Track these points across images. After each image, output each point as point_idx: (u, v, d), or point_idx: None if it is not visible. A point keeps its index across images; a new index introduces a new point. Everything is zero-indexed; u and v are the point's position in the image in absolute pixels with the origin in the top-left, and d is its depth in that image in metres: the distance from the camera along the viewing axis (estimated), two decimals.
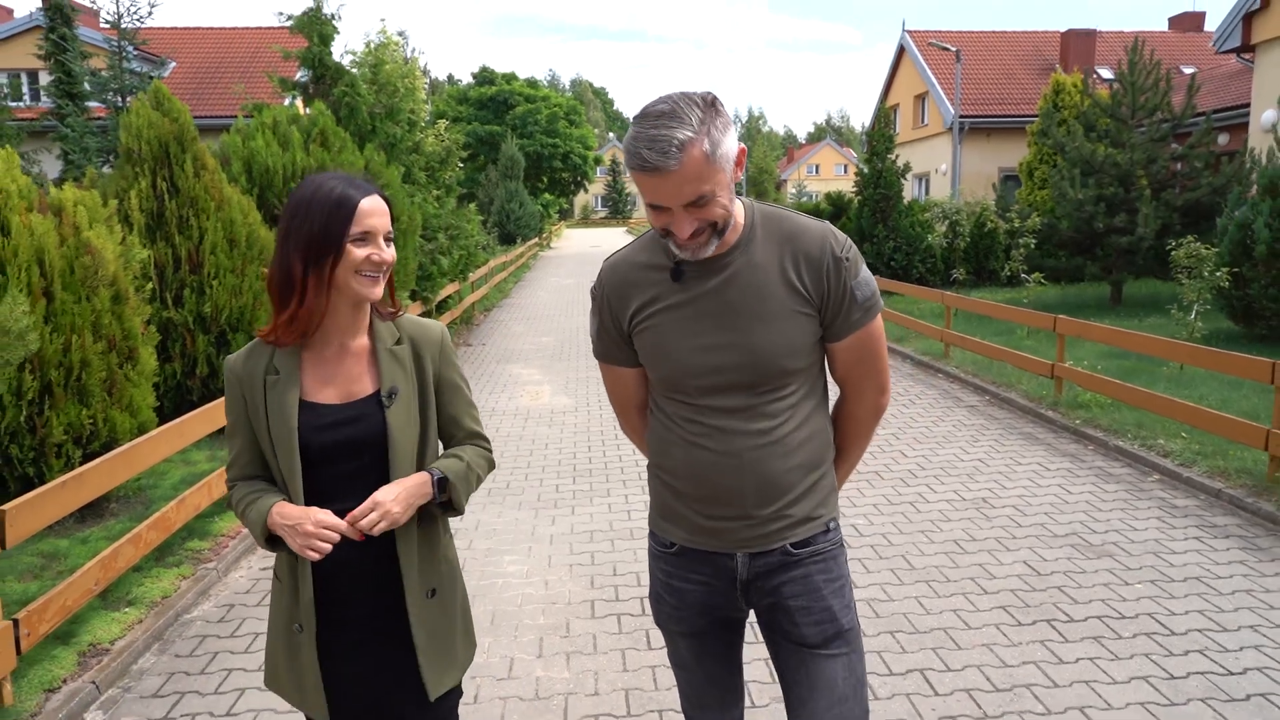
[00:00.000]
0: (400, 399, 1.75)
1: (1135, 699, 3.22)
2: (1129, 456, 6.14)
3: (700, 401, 1.73)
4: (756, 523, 1.75)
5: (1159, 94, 12.38)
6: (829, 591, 1.80)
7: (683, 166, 1.51)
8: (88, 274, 4.79)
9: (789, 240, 1.72)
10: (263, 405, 1.72)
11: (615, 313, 1.80)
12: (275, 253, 1.71)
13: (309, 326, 1.71)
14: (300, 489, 1.69)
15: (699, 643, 1.91)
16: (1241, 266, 9.15)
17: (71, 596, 3.56)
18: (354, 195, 1.66)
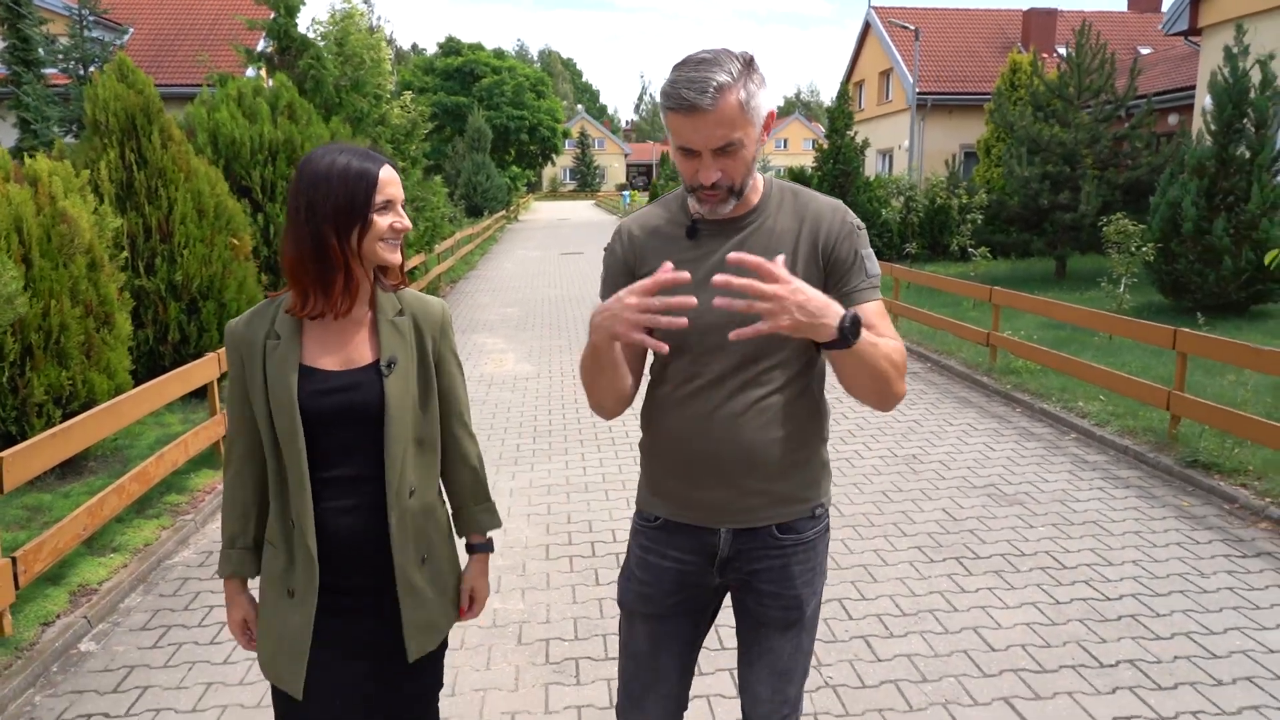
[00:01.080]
0: (398, 370, 1.76)
1: (1022, 620, 3.66)
2: (1051, 418, 6.61)
3: (697, 361, 1.73)
4: (739, 494, 1.75)
5: (1104, 76, 12.85)
6: (801, 582, 1.83)
7: (718, 108, 1.54)
8: (64, 242, 5.02)
9: (804, 208, 1.76)
10: (261, 370, 1.72)
11: (629, 260, 1.81)
12: (294, 231, 1.68)
13: (359, 293, 1.73)
14: (303, 453, 1.69)
15: (659, 627, 1.88)
16: (1171, 243, 9.66)
17: (62, 539, 3.85)
18: (373, 167, 1.69)
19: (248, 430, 1.78)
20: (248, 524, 1.82)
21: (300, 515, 1.71)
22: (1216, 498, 4.96)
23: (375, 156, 1.72)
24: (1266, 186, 9.17)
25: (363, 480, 1.75)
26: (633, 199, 50.08)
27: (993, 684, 3.21)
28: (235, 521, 1.83)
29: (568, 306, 13.41)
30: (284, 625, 1.75)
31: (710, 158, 1.60)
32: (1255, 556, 4.22)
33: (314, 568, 1.71)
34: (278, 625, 1.77)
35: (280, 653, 1.76)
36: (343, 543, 1.74)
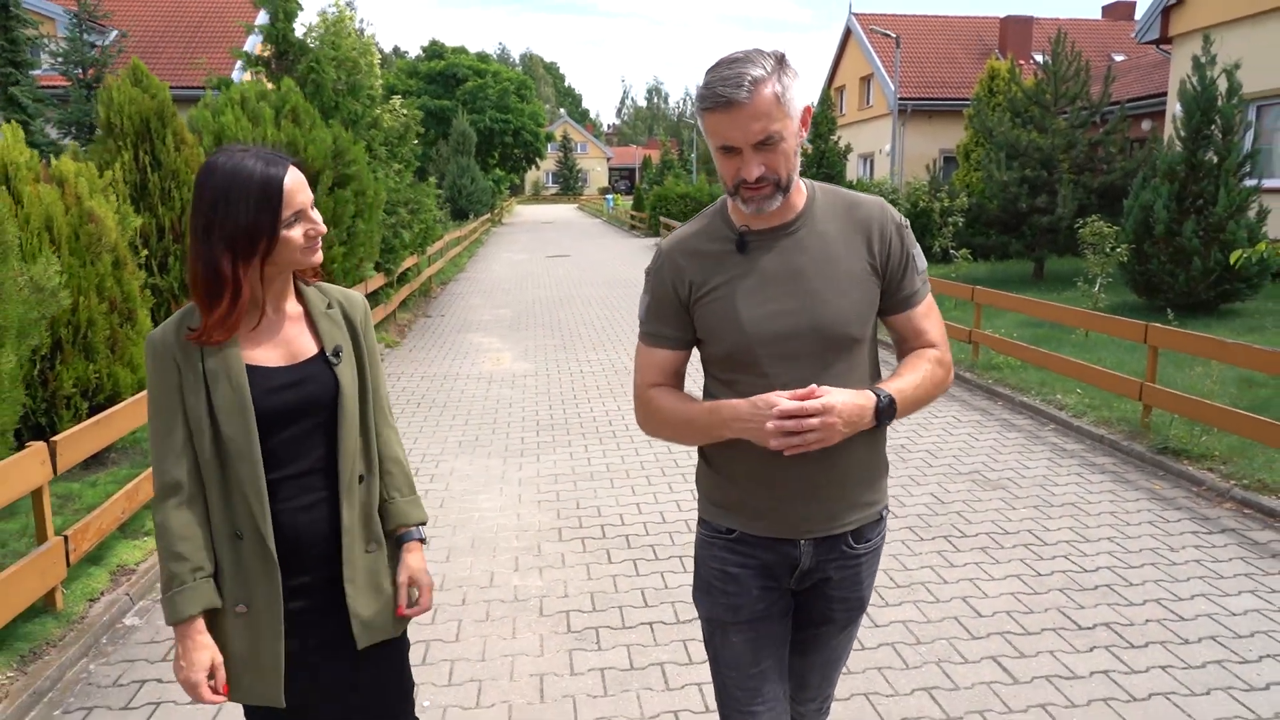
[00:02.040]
0: (345, 357, 1.76)
1: (1007, 590, 3.96)
2: (1031, 410, 6.94)
3: (767, 375, 1.69)
4: (823, 502, 1.74)
5: (1079, 83, 13.27)
6: (867, 584, 1.89)
7: (754, 101, 1.54)
8: (92, 240, 5.21)
9: (850, 209, 1.75)
10: (201, 376, 1.63)
11: (675, 288, 1.77)
12: (193, 249, 1.62)
13: (242, 319, 1.65)
14: (258, 456, 1.64)
15: (757, 633, 1.83)
16: (1143, 244, 10.04)
17: (105, 521, 4.06)
18: (277, 174, 1.60)
19: (189, 449, 1.66)
20: (208, 550, 1.68)
21: (258, 520, 1.65)
22: (1185, 481, 5.29)
23: (279, 158, 1.63)
24: (1233, 190, 9.57)
25: (311, 474, 1.72)
26: (616, 203, 50.35)
27: (981, 645, 3.50)
28: (195, 551, 1.66)
29: (559, 308, 13.65)
30: (244, 639, 1.69)
31: (751, 153, 1.59)
32: (1220, 533, 4.54)
33: (274, 572, 1.67)
34: (236, 642, 1.69)
35: (249, 669, 1.70)
36: (298, 542, 1.70)
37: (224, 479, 1.66)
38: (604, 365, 9.23)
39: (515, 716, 3.09)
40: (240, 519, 1.67)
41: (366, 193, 9.95)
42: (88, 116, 12.69)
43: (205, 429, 1.64)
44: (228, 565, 1.69)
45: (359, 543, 1.77)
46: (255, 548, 1.66)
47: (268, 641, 1.68)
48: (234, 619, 1.69)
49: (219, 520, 1.68)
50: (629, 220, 37.52)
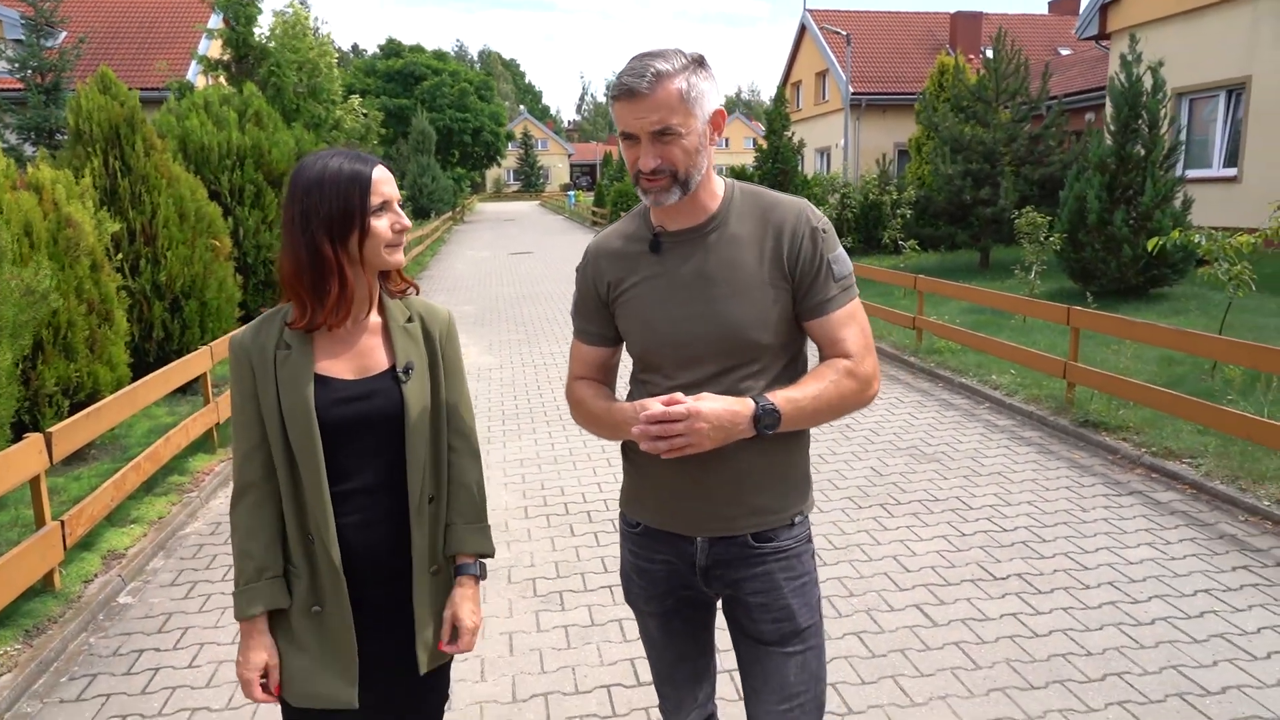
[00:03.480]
0: (415, 375, 1.74)
1: (933, 549, 4.37)
2: (968, 390, 7.40)
3: (673, 375, 1.72)
4: (714, 505, 1.74)
5: (1019, 79, 13.83)
6: (790, 590, 1.78)
7: (654, 93, 1.57)
8: (70, 244, 5.44)
9: (766, 212, 1.73)
10: (274, 381, 1.68)
11: (596, 286, 1.82)
12: (289, 241, 1.66)
13: (351, 306, 1.69)
14: (321, 465, 1.66)
15: (667, 622, 1.90)
16: (1078, 233, 10.58)
17: (96, 508, 4.32)
18: (364, 168, 1.65)
19: (263, 449, 1.71)
20: (277, 551, 1.73)
21: (321, 529, 1.67)
22: (1103, 450, 5.75)
23: (367, 158, 1.69)
24: (1159, 181, 10.14)
25: (379, 491, 1.72)
26: (578, 199, 50.55)
27: (907, 595, 3.90)
28: (262, 552, 1.71)
29: (522, 304, 13.94)
30: (320, 640, 1.71)
31: (648, 143, 1.61)
32: (1128, 495, 5.00)
33: (340, 580, 1.69)
34: (312, 643, 1.72)
35: (323, 669, 1.71)
36: (361, 557, 1.71)
37: (294, 482, 1.69)
38: (566, 357, 9.53)
39: (488, 668, 3.43)
40: (310, 523, 1.69)
41: None
42: (47, 121, 12.71)
43: (278, 433, 1.67)
44: (302, 567, 1.71)
45: (426, 565, 1.76)
46: (324, 553, 1.68)
47: (343, 644, 1.70)
48: (309, 619, 1.71)
49: (293, 522, 1.71)
50: (591, 216, 37.80)
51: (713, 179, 1.74)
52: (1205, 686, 3.13)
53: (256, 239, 9.20)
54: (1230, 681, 3.15)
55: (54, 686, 3.41)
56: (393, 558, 1.74)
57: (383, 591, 1.75)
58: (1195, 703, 3.04)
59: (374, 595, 1.74)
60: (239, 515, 1.72)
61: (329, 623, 1.70)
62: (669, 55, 1.61)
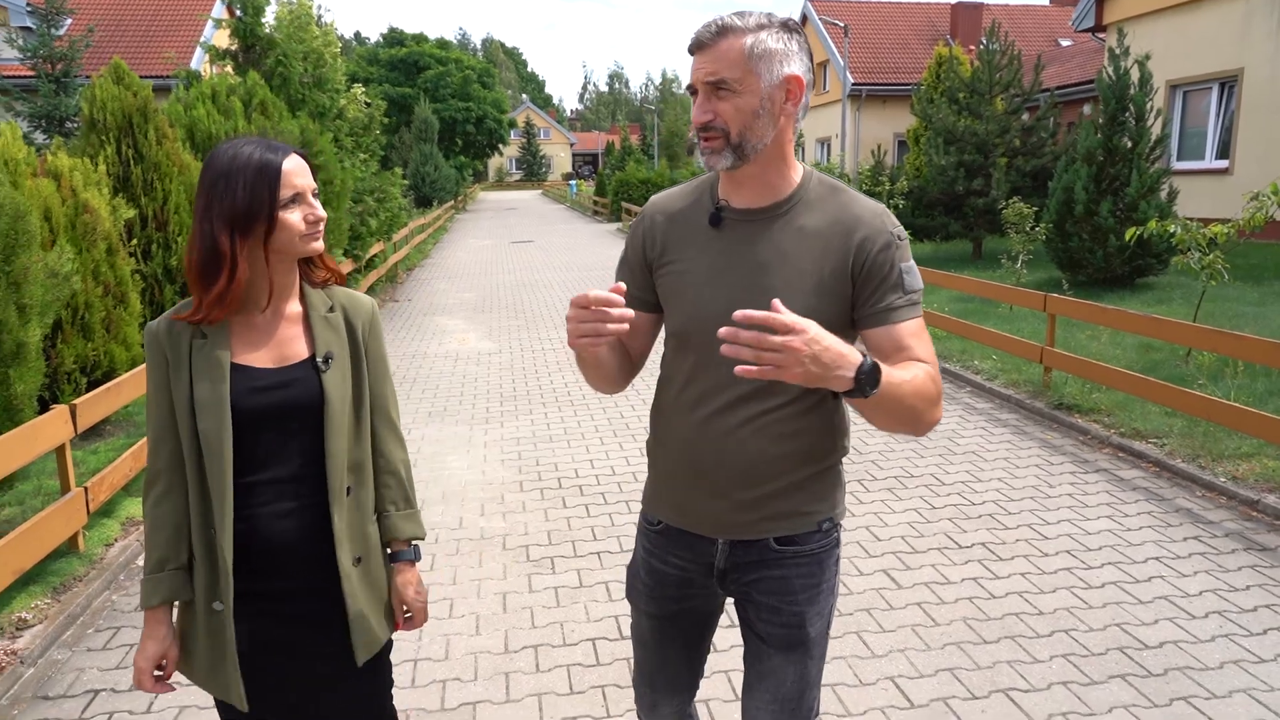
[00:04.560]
0: (336, 364, 1.72)
1: (904, 520, 4.63)
2: (951, 375, 7.65)
3: (700, 365, 1.65)
4: (737, 507, 1.67)
5: (1012, 71, 14.02)
6: (804, 598, 1.72)
7: (716, 46, 1.52)
8: (87, 229, 5.69)
9: (842, 209, 1.62)
10: (187, 369, 1.63)
11: (645, 246, 1.74)
12: (195, 229, 1.62)
13: (239, 301, 1.64)
14: (229, 455, 1.62)
15: (664, 626, 1.86)
16: (1065, 223, 10.81)
17: (115, 476, 4.59)
18: (275, 158, 1.60)
19: (172, 439, 1.67)
20: (180, 543, 1.69)
21: (219, 522, 1.63)
22: (1074, 431, 6.01)
23: (279, 147, 1.64)
24: (1145, 173, 10.35)
25: (296, 481, 1.69)
26: (580, 188, 50.71)
27: (875, 562, 4.16)
28: (166, 543, 1.68)
29: (522, 291, 14.19)
30: (220, 638, 1.67)
31: (703, 96, 1.55)
32: (1094, 472, 5.26)
33: (227, 575, 1.64)
34: (214, 639, 1.68)
35: (222, 665, 1.68)
36: (279, 547, 1.68)
37: (201, 474, 1.65)
38: (563, 342, 9.81)
39: (482, 624, 3.70)
40: (214, 516, 1.65)
41: (334, 182, 10.42)
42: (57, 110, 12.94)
43: (187, 422, 1.64)
44: (203, 561, 1.68)
45: (348, 556, 1.74)
46: (223, 544, 1.64)
47: (229, 639, 1.67)
48: (209, 615, 1.68)
49: (197, 515, 1.67)
50: (592, 206, 37.99)
51: (789, 161, 1.63)
52: (1144, 641, 3.39)
53: None
54: (1168, 637, 3.41)
55: (81, 637, 3.68)
56: (312, 548, 1.71)
57: (304, 582, 1.72)
58: (1134, 655, 3.30)
59: (295, 586, 1.72)
60: (147, 504, 1.70)
61: (225, 618, 1.66)
62: (747, 14, 1.54)
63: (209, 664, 1.70)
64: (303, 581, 1.72)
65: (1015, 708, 3.00)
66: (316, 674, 1.77)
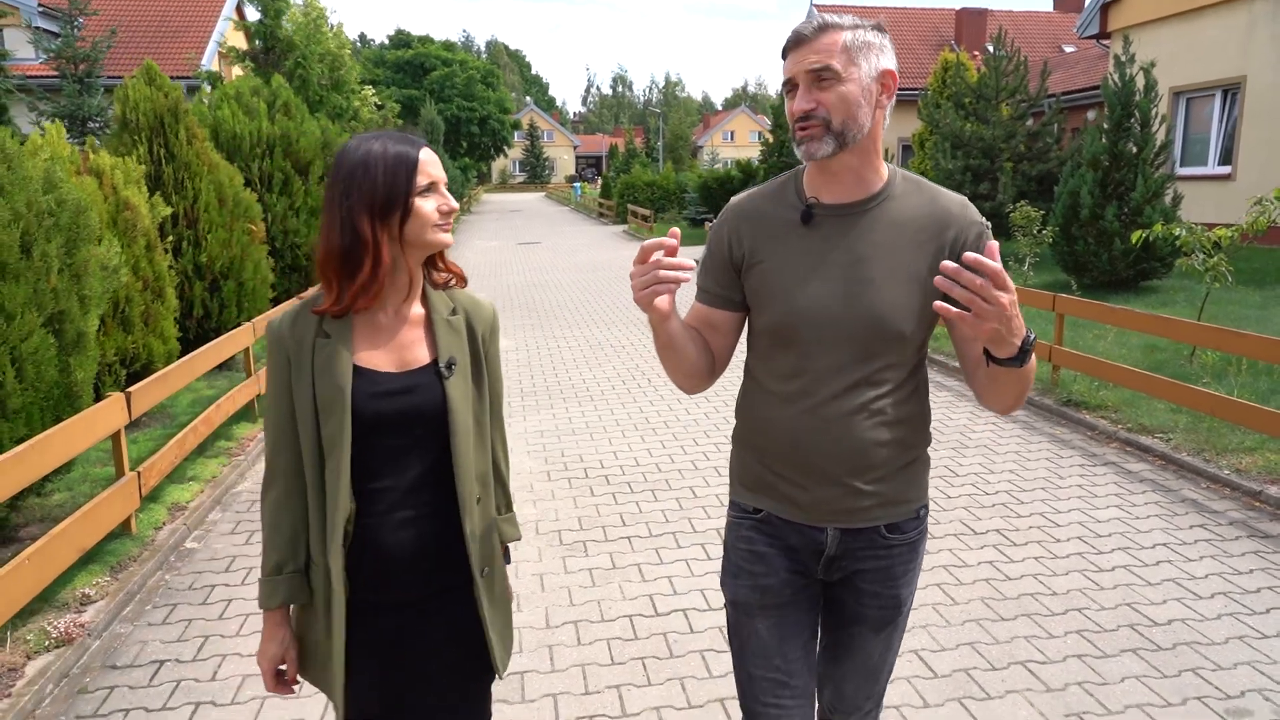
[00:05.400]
0: (458, 370, 1.68)
1: None
2: (960, 373, 7.80)
3: (807, 355, 1.66)
4: (850, 494, 1.68)
5: (1019, 77, 14.22)
6: (903, 581, 1.79)
7: (817, 39, 1.57)
8: (128, 226, 5.88)
9: (930, 202, 1.66)
10: (309, 370, 1.61)
11: (732, 244, 1.74)
12: (329, 221, 1.60)
13: (382, 291, 1.62)
14: (347, 461, 1.59)
15: (782, 618, 1.78)
16: (1071, 227, 11.00)
17: (163, 463, 4.78)
18: (412, 149, 1.61)
19: (292, 441, 1.65)
20: (297, 547, 1.68)
21: (333, 527, 1.61)
22: (1082, 427, 6.19)
23: (414, 140, 1.64)
24: (1149, 178, 10.54)
25: (415, 490, 1.66)
26: (584, 191, 50.95)
27: None
28: (283, 546, 1.67)
29: (534, 291, 14.39)
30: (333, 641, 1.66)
31: (805, 87, 1.58)
32: (1103, 465, 5.44)
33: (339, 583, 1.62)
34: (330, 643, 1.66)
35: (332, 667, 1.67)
36: (396, 557, 1.65)
37: (321, 477, 1.63)
38: (580, 341, 10.00)
39: (524, 601, 3.88)
40: (328, 520, 1.64)
41: None
42: (80, 110, 13.17)
43: (309, 423, 1.62)
44: (320, 564, 1.66)
45: (478, 566, 1.72)
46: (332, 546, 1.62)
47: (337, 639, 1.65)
48: (328, 618, 1.66)
49: (315, 518, 1.65)
50: (597, 208, 38.20)
51: (878, 157, 1.68)
52: (1154, 619, 3.58)
53: (284, 225, 9.64)
54: (1176, 615, 3.60)
55: (140, 613, 3.86)
56: (430, 559, 1.68)
57: (422, 592, 1.69)
58: (1144, 631, 3.48)
59: (414, 595, 1.69)
60: (265, 506, 1.69)
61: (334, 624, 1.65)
62: (844, 17, 1.60)
63: (325, 666, 1.68)
64: (420, 591, 1.69)
65: (1033, 677, 3.18)
66: (427, 684, 1.74)
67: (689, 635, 3.55)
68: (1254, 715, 2.94)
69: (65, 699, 3.22)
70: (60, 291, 4.15)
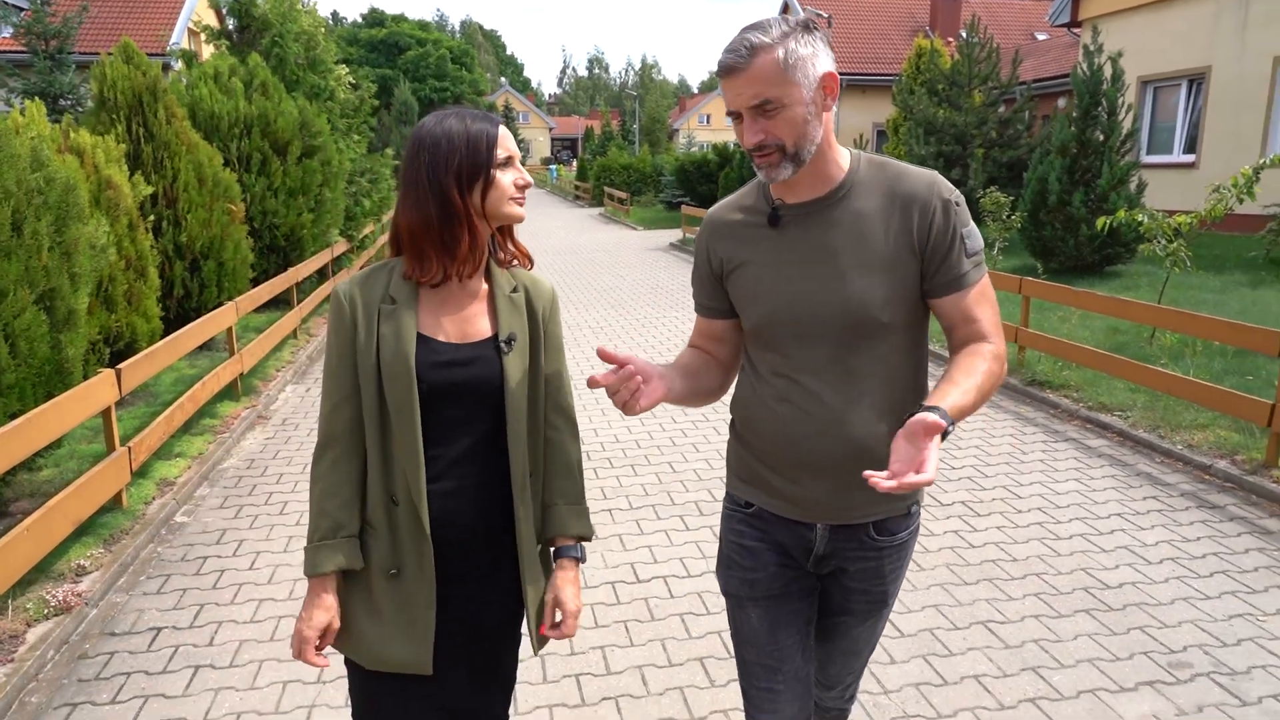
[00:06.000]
0: (517, 347, 1.69)
1: None
2: (932, 355, 8.04)
3: (790, 354, 1.67)
4: (840, 489, 1.67)
5: (990, 65, 14.44)
6: (891, 579, 1.80)
7: (751, 67, 1.52)
8: (110, 205, 5.91)
9: (895, 183, 1.64)
10: (375, 334, 1.63)
11: (711, 255, 1.78)
12: (414, 195, 1.62)
13: (484, 255, 1.67)
14: (418, 424, 1.60)
15: (774, 609, 1.80)
16: (1039, 213, 11.25)
17: (151, 438, 4.87)
18: (489, 125, 1.64)
19: (354, 404, 1.66)
20: (354, 510, 1.67)
21: (413, 491, 1.62)
22: (1046, 406, 6.43)
23: (491, 117, 1.67)
24: (1115, 165, 10.81)
25: (466, 460, 1.66)
26: (560, 173, 50.81)
27: None
28: (339, 510, 1.66)
29: None
30: (395, 604, 1.66)
31: (750, 118, 1.57)
32: (1063, 441, 5.68)
33: (427, 544, 1.63)
34: (387, 607, 1.67)
35: (397, 633, 1.66)
36: (444, 525, 1.65)
37: (384, 442, 1.65)
38: None
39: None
40: (397, 485, 1.64)
41: (331, 162, 10.62)
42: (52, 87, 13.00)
43: (373, 389, 1.63)
44: (381, 528, 1.66)
45: (532, 543, 1.72)
46: (409, 516, 1.64)
47: (420, 609, 1.66)
48: (386, 581, 1.67)
49: (376, 483, 1.66)
50: (573, 191, 38.15)
51: (835, 149, 1.66)
52: (1106, 582, 3.80)
53: (263, 205, 9.65)
54: (1127, 579, 3.82)
55: (135, 583, 3.97)
56: (476, 529, 1.68)
57: (463, 562, 1.69)
58: (1097, 593, 3.70)
59: (456, 565, 1.69)
60: (320, 469, 1.67)
61: (406, 587, 1.66)
62: (766, 25, 1.55)
63: (384, 632, 1.66)
64: (462, 561, 1.69)
65: (992, 635, 3.39)
66: (461, 651, 1.74)
67: (669, 600, 3.72)
68: (1193, 667, 3.16)
69: (66, 664, 3.33)
70: (51, 269, 4.21)
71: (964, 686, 3.08)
